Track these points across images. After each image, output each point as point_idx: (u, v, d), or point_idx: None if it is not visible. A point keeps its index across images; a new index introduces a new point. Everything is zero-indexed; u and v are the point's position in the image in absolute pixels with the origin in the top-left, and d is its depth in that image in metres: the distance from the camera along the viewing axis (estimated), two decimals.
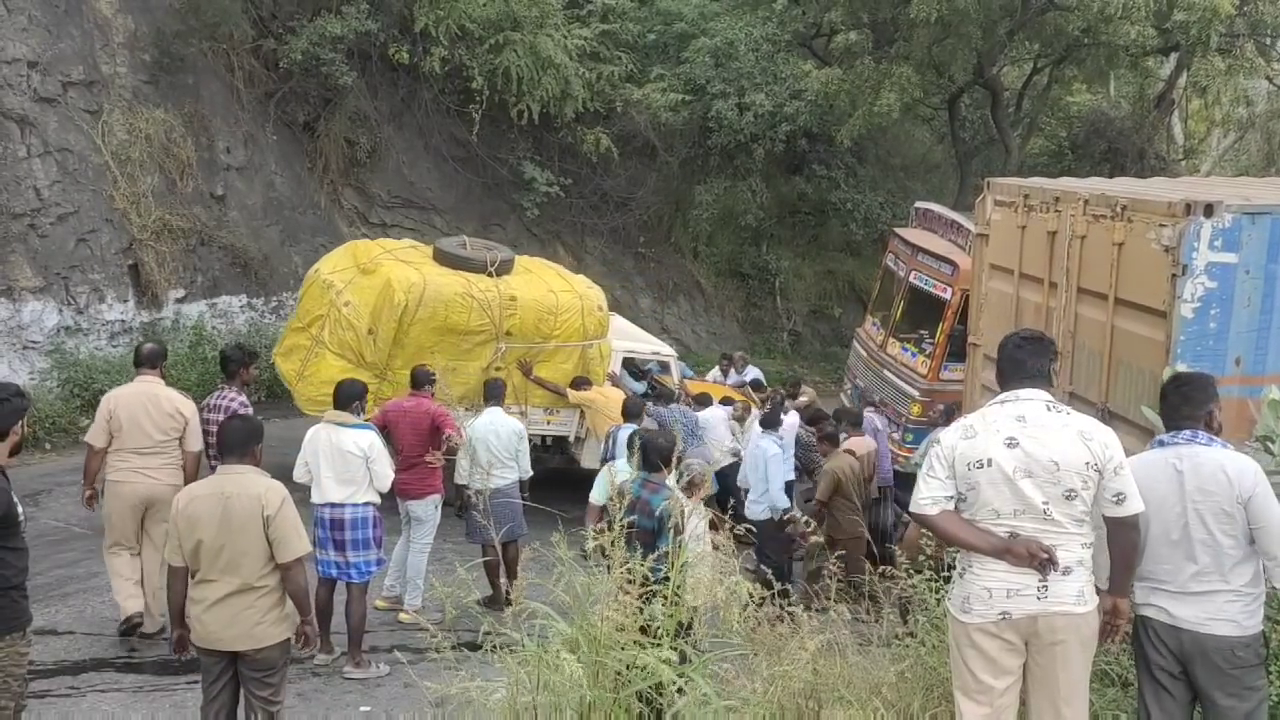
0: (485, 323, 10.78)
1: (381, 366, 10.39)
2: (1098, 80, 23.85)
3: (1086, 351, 8.37)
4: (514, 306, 10.95)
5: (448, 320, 10.60)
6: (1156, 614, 4.18)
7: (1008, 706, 4.00)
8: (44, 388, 12.59)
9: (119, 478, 7.06)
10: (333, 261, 11.40)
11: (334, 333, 10.48)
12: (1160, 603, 4.17)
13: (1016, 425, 3.96)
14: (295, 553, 5.07)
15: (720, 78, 20.60)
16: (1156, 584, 4.19)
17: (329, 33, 16.26)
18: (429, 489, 8.16)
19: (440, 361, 10.56)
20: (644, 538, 4.73)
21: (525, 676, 3.80)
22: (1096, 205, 8.26)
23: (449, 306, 10.60)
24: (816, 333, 23.36)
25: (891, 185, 24.14)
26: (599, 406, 10.99)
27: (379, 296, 10.44)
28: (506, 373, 10.89)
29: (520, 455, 8.74)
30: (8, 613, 4.52)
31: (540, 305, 11.17)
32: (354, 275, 10.81)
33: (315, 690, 6.84)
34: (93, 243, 13.79)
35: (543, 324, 11.15)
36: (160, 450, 7.07)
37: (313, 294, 11.09)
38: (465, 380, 10.74)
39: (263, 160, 16.74)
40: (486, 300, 10.79)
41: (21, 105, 13.25)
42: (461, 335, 10.73)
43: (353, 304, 10.49)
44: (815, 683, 4.56)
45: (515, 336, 11.01)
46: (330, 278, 10.94)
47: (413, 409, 8.35)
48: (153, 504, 6.97)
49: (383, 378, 10.34)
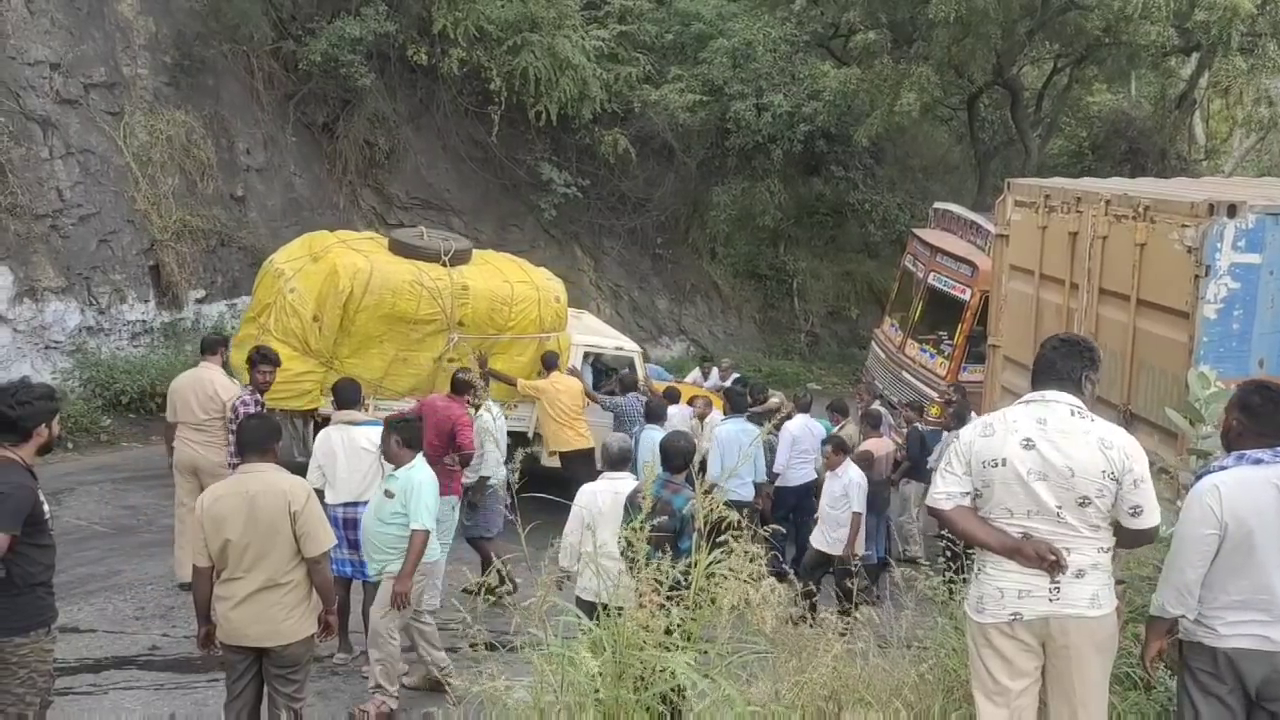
0: (436, 312, 10.55)
1: (328, 355, 10.21)
2: (1118, 80, 23.71)
3: (1108, 353, 8.26)
4: (466, 296, 10.72)
5: (396, 308, 10.39)
6: (1254, 643, 3.92)
7: (1026, 708, 3.97)
8: (66, 387, 12.68)
9: (176, 446, 8.18)
10: (287, 251, 11.25)
11: (279, 320, 10.26)
12: (1260, 631, 3.93)
13: (1036, 427, 3.92)
14: (322, 546, 5.13)
15: (738, 78, 20.58)
16: (1257, 611, 3.93)
17: (348, 34, 16.32)
18: (446, 490, 8.13)
19: (390, 351, 10.45)
20: (667, 539, 4.73)
21: (549, 675, 3.80)
22: (1118, 206, 8.22)
23: (397, 294, 10.38)
24: (834, 334, 23.30)
25: (910, 186, 24.06)
26: (548, 396, 10.56)
27: (324, 283, 10.26)
28: (460, 364, 10.61)
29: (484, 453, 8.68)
30: (34, 609, 4.56)
31: (494, 295, 10.93)
32: (304, 263, 10.64)
33: (335, 689, 6.86)
34: (114, 243, 13.89)
35: (496, 314, 10.92)
36: (204, 427, 8.05)
37: (265, 284, 10.91)
38: (417, 370, 10.60)
39: (282, 161, 16.81)
40: (437, 289, 10.55)
41: (44, 107, 13.36)
42: (411, 324, 10.51)
43: (298, 290, 10.29)
44: (835, 684, 4.54)
45: (468, 327, 10.77)
46: (282, 266, 10.76)
47: (443, 409, 8.37)
48: (198, 470, 7.96)
49: (329, 366, 10.17)
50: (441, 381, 10.72)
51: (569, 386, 10.67)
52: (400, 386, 10.65)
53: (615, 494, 6.04)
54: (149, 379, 13.19)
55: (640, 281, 21.39)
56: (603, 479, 6.38)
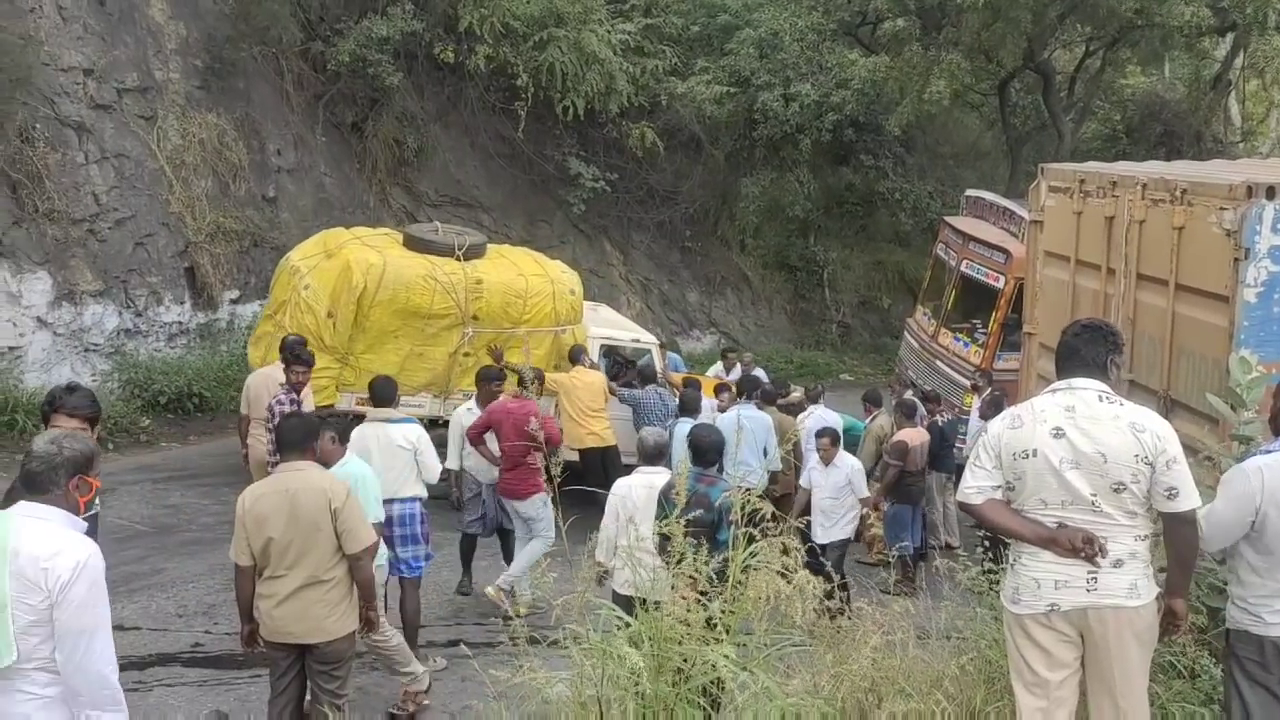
0: (450, 306, 10.52)
1: (343, 351, 10.22)
2: (1152, 62, 23.38)
3: (1147, 339, 8.21)
4: (480, 290, 10.66)
5: (409, 303, 10.38)
6: None
7: (1066, 699, 3.93)
8: (105, 389, 12.85)
9: (250, 441, 8.70)
10: (304, 249, 11.27)
11: (294, 317, 10.29)
12: None
13: (1065, 416, 3.88)
14: (363, 543, 5.16)
15: (765, 69, 20.48)
16: None
17: (375, 34, 16.41)
18: (533, 488, 8.13)
19: (405, 346, 10.42)
20: (704, 532, 4.72)
21: (590, 669, 3.81)
22: (1155, 189, 8.10)
23: (410, 289, 10.36)
24: (865, 324, 23.18)
25: (941, 174, 23.88)
26: (567, 389, 10.43)
27: (338, 279, 10.27)
28: (476, 358, 10.61)
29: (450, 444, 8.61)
30: None
31: (508, 289, 10.88)
32: (319, 260, 10.65)
33: (375, 684, 6.91)
34: (150, 246, 14.05)
35: (511, 308, 10.87)
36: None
37: (282, 281, 10.93)
38: (432, 365, 10.58)
39: (312, 162, 16.94)
40: (451, 283, 10.51)
41: (79, 113, 13.53)
42: (425, 319, 10.49)
43: (312, 287, 10.31)
44: (875, 675, 4.52)
45: (482, 321, 10.72)
46: (298, 264, 10.78)
47: (516, 410, 8.33)
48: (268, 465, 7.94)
49: (344, 362, 10.18)
50: (457, 376, 10.77)
51: (588, 382, 10.53)
52: (415, 382, 10.63)
53: (650, 488, 6.03)
54: (186, 379, 13.36)
55: (670, 274, 21.38)
56: (637, 473, 6.37)
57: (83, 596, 3.40)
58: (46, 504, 3.51)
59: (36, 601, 3.38)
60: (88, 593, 3.42)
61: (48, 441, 3.64)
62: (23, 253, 12.47)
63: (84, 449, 3.65)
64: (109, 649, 3.49)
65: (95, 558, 3.48)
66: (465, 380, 10.79)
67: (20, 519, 3.48)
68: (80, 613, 3.40)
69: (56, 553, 3.40)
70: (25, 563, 3.38)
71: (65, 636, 3.40)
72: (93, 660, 3.43)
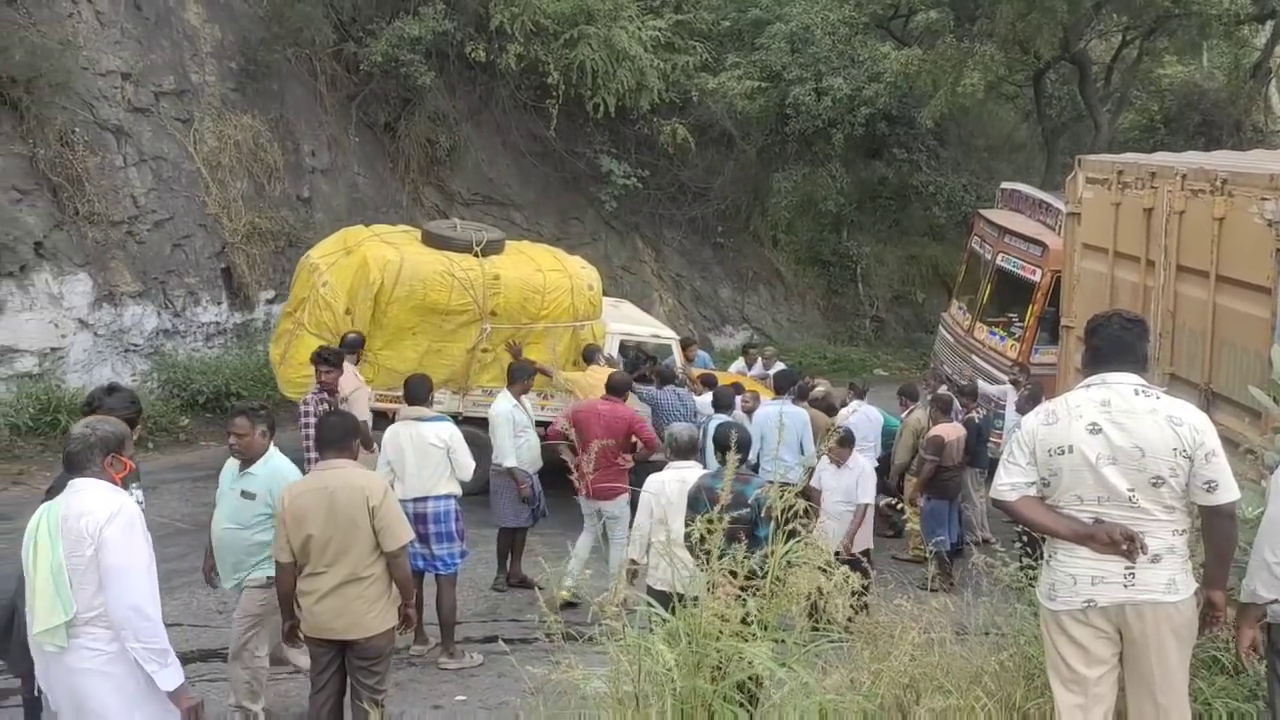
0: (468, 302, 10.52)
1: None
2: (1190, 51, 23.06)
3: (1187, 331, 8.12)
4: (498, 286, 10.65)
5: (427, 299, 10.38)
6: None
7: (1104, 695, 3.88)
8: (145, 389, 13.01)
9: None
10: (323, 247, 11.30)
11: (312, 314, 10.32)
12: None
13: (1100, 411, 3.83)
14: (400, 540, 5.20)
15: (797, 63, 20.39)
16: None
17: (407, 34, 16.49)
18: (620, 490, 8.16)
19: (423, 343, 10.42)
20: (743, 529, 4.71)
21: (627, 665, 3.81)
22: (1195, 180, 8.01)
23: (428, 285, 10.36)
24: (899, 319, 23.04)
25: (975, 166, 23.67)
26: (582, 387, 10.33)
27: (355, 276, 10.28)
28: (494, 354, 10.60)
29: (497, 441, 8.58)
30: None
31: (526, 284, 10.85)
32: (338, 258, 10.66)
33: (411, 680, 6.96)
34: (187, 247, 14.22)
35: (529, 304, 10.83)
36: None
37: (301, 279, 10.95)
38: (450, 362, 10.56)
39: (346, 162, 17.07)
40: (469, 279, 10.50)
41: (117, 116, 13.70)
42: (443, 315, 10.48)
43: (330, 284, 10.33)
44: (914, 671, 4.49)
45: (500, 317, 10.70)
46: (316, 261, 10.80)
47: (608, 413, 8.41)
48: None
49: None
50: (475, 372, 10.78)
51: (602, 379, 10.22)
52: (434, 378, 10.56)
53: (683, 483, 6.03)
54: (223, 379, 13.50)
55: (702, 271, 21.35)
56: (670, 468, 6.37)
57: (118, 536, 3.86)
58: (88, 478, 4.01)
59: (85, 550, 3.85)
60: (123, 533, 3.88)
61: (82, 425, 4.19)
62: (64, 255, 12.66)
63: (115, 430, 4.14)
64: (145, 586, 3.91)
65: (130, 505, 3.96)
66: (484, 376, 10.85)
67: (67, 494, 4.00)
68: (116, 551, 3.85)
69: (93, 505, 3.90)
70: (72, 521, 3.88)
71: (106, 574, 3.85)
72: (129, 593, 3.85)
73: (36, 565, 3.91)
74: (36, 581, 3.91)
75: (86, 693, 3.92)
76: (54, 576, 3.86)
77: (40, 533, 3.94)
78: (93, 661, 3.90)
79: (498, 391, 10.50)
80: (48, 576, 3.87)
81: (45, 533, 3.92)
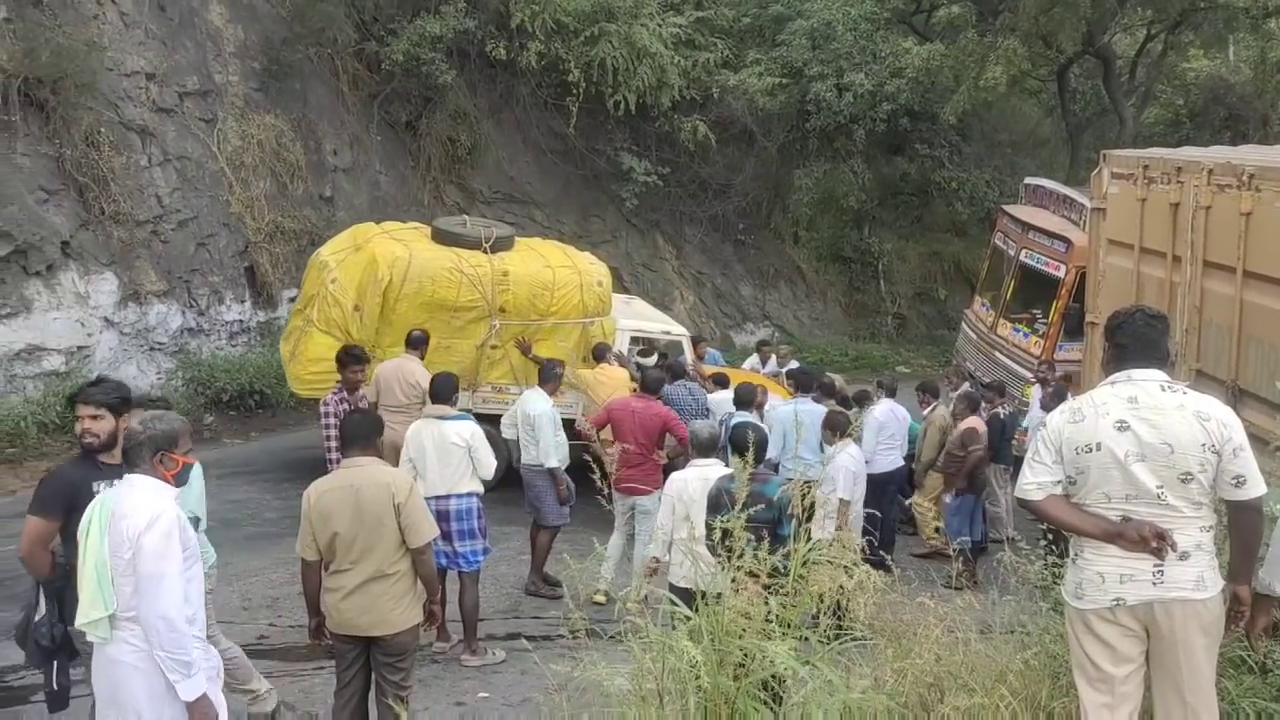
0: (476, 298, 10.51)
1: (369, 344, 10.15)
2: (1215, 45, 22.86)
3: (1214, 327, 8.04)
4: (507, 282, 10.64)
5: (435, 295, 10.38)
6: None
7: (1130, 694, 3.86)
8: (170, 387, 13.12)
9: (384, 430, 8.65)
10: (334, 244, 11.34)
11: (322, 311, 10.33)
12: None
13: (1128, 407, 3.80)
14: (425, 537, 5.23)
15: (818, 59, 20.33)
16: None
17: (429, 33, 16.55)
18: (656, 484, 8.15)
19: (432, 339, 10.32)
20: (765, 528, 4.70)
21: (650, 663, 3.81)
22: (1221, 174, 7.93)
23: (436, 281, 10.36)
24: (921, 316, 22.94)
25: (998, 162, 23.52)
26: (591, 386, 10.24)
27: (364, 272, 10.30)
28: (504, 351, 10.58)
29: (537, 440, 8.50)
30: None
31: (535, 281, 10.83)
32: (347, 254, 10.68)
33: (434, 676, 6.99)
34: (211, 246, 14.32)
35: (538, 300, 10.82)
36: (404, 410, 8.72)
37: (311, 276, 10.97)
38: (460, 358, 10.52)
39: (368, 161, 17.14)
40: (477, 275, 10.50)
41: (142, 116, 13.81)
42: (452, 311, 10.48)
43: (339, 281, 10.35)
44: (938, 670, 4.47)
45: (510, 313, 10.70)
46: (327, 258, 10.82)
47: (642, 410, 8.43)
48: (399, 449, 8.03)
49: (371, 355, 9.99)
50: (485, 369, 10.75)
51: (611, 378, 10.31)
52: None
53: (705, 480, 6.03)
54: (247, 377, 13.58)
55: (723, 268, 21.31)
56: (692, 466, 6.37)
57: (153, 545, 3.95)
58: (139, 474, 4.15)
59: (124, 553, 3.96)
60: (158, 542, 3.96)
61: (138, 422, 4.31)
62: (90, 254, 12.77)
63: (167, 429, 4.25)
64: (176, 595, 3.98)
65: (169, 514, 4.03)
66: (493, 373, 10.86)
67: (119, 487, 4.17)
68: (150, 559, 3.94)
69: (136, 509, 4.00)
70: (117, 521, 4.00)
71: (140, 581, 3.95)
72: (159, 602, 3.94)
73: (86, 557, 4.05)
74: (84, 572, 4.05)
75: (121, 685, 4.05)
76: (98, 571, 3.99)
77: (93, 525, 4.07)
78: (129, 656, 4.02)
79: (508, 388, 10.50)
80: (93, 571, 4.01)
81: (97, 526, 4.05)
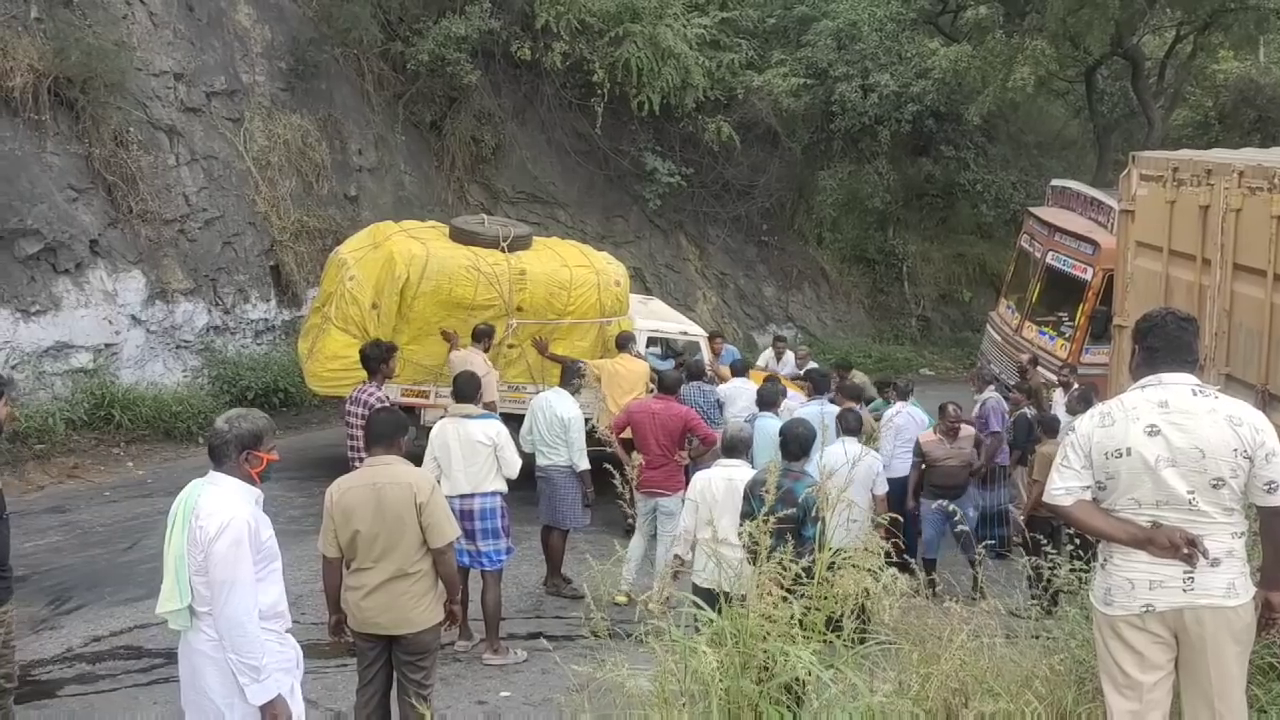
0: (493, 297, 10.55)
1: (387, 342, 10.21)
2: (1246, 46, 22.60)
3: (1244, 331, 7.93)
4: (524, 281, 10.68)
5: (452, 294, 10.42)
6: None
7: (1159, 701, 3.81)
8: (195, 385, 13.21)
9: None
10: (353, 242, 11.38)
11: (340, 308, 10.39)
12: None
13: (1158, 412, 3.75)
14: (447, 537, 5.24)
15: (843, 60, 20.27)
16: None
17: (454, 33, 16.60)
18: (678, 485, 8.19)
19: None
20: (790, 529, 4.68)
21: (673, 665, 3.79)
22: (1252, 177, 7.82)
23: (453, 279, 10.40)
24: (946, 318, 22.81)
25: (1024, 164, 23.38)
26: (609, 375, 10.22)
27: (381, 270, 10.35)
28: (520, 350, 10.59)
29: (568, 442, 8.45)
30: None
31: (552, 280, 10.87)
32: (365, 252, 10.72)
33: (456, 675, 7.00)
34: (237, 245, 14.41)
35: (555, 299, 10.86)
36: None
37: (330, 274, 11.04)
38: None
39: (392, 160, 17.21)
40: (494, 274, 10.54)
41: (169, 116, 13.92)
42: (469, 310, 10.51)
43: (357, 278, 10.40)
44: (963, 675, 4.43)
45: (526, 312, 10.74)
46: (345, 256, 10.87)
47: (662, 411, 8.45)
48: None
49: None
50: (502, 368, 10.70)
51: (630, 369, 10.32)
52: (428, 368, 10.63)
53: (729, 480, 6.01)
54: (272, 375, 13.67)
55: (746, 269, 21.26)
56: (717, 465, 6.35)
57: (223, 553, 4.01)
58: (223, 473, 4.19)
59: (198, 555, 4.05)
60: (228, 550, 4.01)
61: (222, 420, 4.30)
62: (118, 253, 12.88)
63: (251, 427, 4.24)
64: (247, 600, 4.05)
65: (240, 520, 4.06)
66: (510, 372, 10.87)
67: (204, 484, 4.20)
68: (221, 566, 4.01)
69: (210, 514, 4.06)
70: (195, 520, 4.07)
71: (212, 585, 4.03)
72: (231, 608, 4.01)
73: (170, 546, 4.15)
74: (166, 562, 4.16)
75: (199, 671, 4.17)
76: (178, 564, 4.09)
77: (178, 518, 4.15)
78: (206, 646, 4.12)
79: (524, 387, 10.44)
80: (173, 562, 4.11)
81: (181, 521, 4.13)
